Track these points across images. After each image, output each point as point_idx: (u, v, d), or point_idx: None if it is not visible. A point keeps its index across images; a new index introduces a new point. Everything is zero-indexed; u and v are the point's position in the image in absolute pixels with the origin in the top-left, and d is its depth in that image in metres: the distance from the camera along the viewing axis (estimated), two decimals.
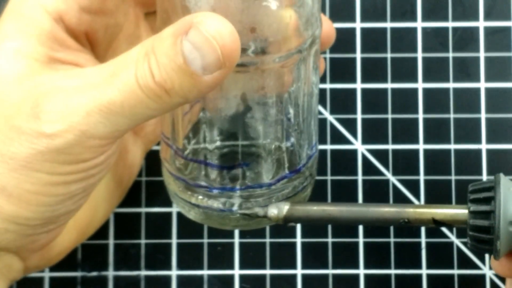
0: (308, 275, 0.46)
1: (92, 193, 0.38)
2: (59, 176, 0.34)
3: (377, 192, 0.46)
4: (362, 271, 0.46)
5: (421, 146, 0.47)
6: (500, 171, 0.39)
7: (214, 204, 0.37)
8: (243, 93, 0.36)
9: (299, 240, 0.46)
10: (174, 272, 0.46)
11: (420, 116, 0.47)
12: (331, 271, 0.46)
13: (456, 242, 0.46)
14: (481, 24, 0.47)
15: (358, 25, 0.47)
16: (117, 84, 0.32)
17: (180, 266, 0.46)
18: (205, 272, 0.46)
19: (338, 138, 0.47)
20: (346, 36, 0.47)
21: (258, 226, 0.39)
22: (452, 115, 0.47)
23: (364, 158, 0.47)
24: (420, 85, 0.47)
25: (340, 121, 0.47)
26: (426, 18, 0.47)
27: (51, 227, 0.36)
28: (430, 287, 0.46)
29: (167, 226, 0.46)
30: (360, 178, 0.47)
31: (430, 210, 0.36)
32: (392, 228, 0.46)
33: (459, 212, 0.35)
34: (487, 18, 0.47)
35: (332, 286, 0.46)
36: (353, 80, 0.47)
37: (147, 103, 0.32)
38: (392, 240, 0.46)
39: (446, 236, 0.46)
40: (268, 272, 0.46)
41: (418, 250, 0.46)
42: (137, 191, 0.46)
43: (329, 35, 0.41)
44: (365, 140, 0.47)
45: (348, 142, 0.47)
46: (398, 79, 0.47)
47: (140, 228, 0.46)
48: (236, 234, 0.46)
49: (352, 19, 0.47)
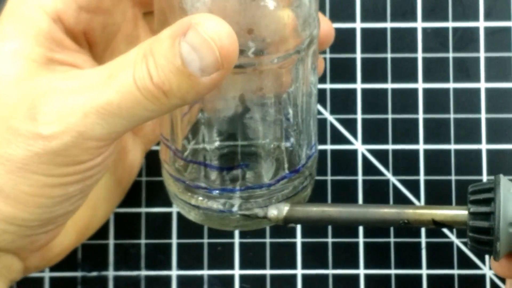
0: (308, 275, 0.46)
1: (92, 193, 0.38)
2: (56, 177, 0.34)
3: (377, 192, 0.46)
4: (362, 271, 0.46)
5: (421, 146, 0.46)
6: (500, 171, 0.39)
7: (214, 205, 0.37)
8: (241, 94, 0.36)
9: (299, 240, 0.46)
10: (174, 272, 0.46)
11: (420, 116, 0.47)
12: (331, 271, 0.46)
13: (456, 242, 0.46)
14: (481, 24, 0.47)
15: (358, 25, 0.47)
16: (114, 86, 0.32)
17: (180, 266, 0.46)
18: (205, 272, 0.46)
19: (338, 138, 0.47)
20: (346, 36, 0.47)
21: (258, 227, 0.39)
22: (452, 115, 0.46)
23: (364, 158, 0.47)
24: (420, 85, 0.47)
25: (340, 121, 0.47)
26: (426, 18, 0.47)
27: (50, 228, 0.36)
28: (430, 287, 0.46)
29: (167, 226, 0.46)
30: (360, 178, 0.46)
31: (430, 211, 0.36)
32: (392, 228, 0.46)
33: (459, 213, 0.35)
34: (487, 18, 0.47)
35: (332, 286, 0.46)
36: (353, 80, 0.47)
37: (145, 105, 0.32)
38: (392, 240, 0.46)
39: (446, 236, 0.46)
40: (268, 272, 0.46)
41: (418, 250, 0.46)
42: (137, 191, 0.46)
43: (327, 35, 0.40)
44: (365, 140, 0.47)
45: (348, 142, 0.47)
46: (398, 79, 0.47)
47: (140, 228, 0.46)
48: (236, 234, 0.46)
49: (352, 19, 0.47)
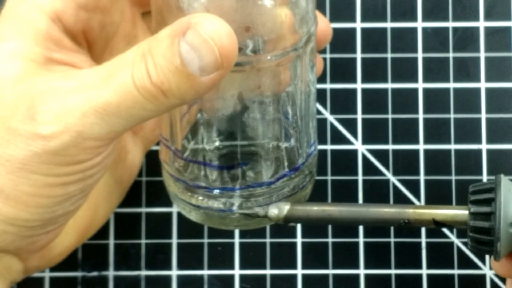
0: (308, 275, 0.46)
1: (92, 193, 0.38)
2: (56, 177, 0.34)
3: (377, 192, 0.46)
4: (362, 271, 0.46)
5: (421, 146, 0.46)
6: (500, 171, 0.39)
7: (215, 205, 0.37)
8: (239, 92, 0.36)
9: (299, 240, 0.46)
10: (174, 272, 0.46)
11: (420, 116, 0.47)
12: (331, 271, 0.46)
13: (456, 242, 0.46)
14: (481, 24, 0.47)
15: (358, 25, 0.47)
16: (113, 85, 0.32)
17: (180, 266, 0.46)
18: (205, 272, 0.46)
19: (338, 138, 0.47)
20: (346, 36, 0.47)
21: (259, 226, 0.39)
22: (452, 115, 0.46)
23: (364, 158, 0.47)
24: (420, 85, 0.47)
25: (340, 121, 0.47)
26: (426, 18, 0.47)
27: (50, 228, 0.36)
28: (430, 287, 0.46)
29: (167, 226, 0.46)
30: (360, 178, 0.46)
31: (430, 211, 0.36)
32: (392, 228, 0.46)
33: (459, 213, 0.35)
34: (487, 18, 0.47)
35: (332, 286, 0.46)
36: (353, 80, 0.47)
37: (144, 104, 0.32)
38: (392, 240, 0.46)
39: (446, 236, 0.46)
40: (268, 272, 0.46)
41: (418, 250, 0.46)
42: (137, 191, 0.46)
43: (325, 33, 0.40)
44: (365, 140, 0.47)
45: (348, 142, 0.47)
46: (398, 79, 0.47)
47: (140, 228, 0.46)
48: (236, 234, 0.46)
49: (352, 19, 0.47)
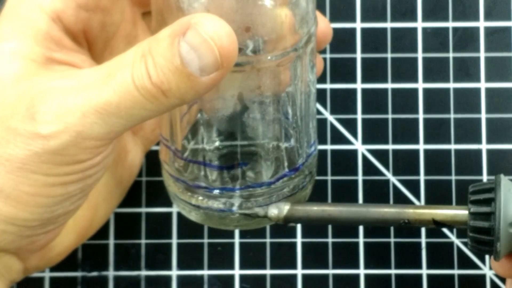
0: (308, 275, 0.46)
1: (92, 193, 0.38)
2: (56, 177, 0.34)
3: (377, 192, 0.46)
4: (362, 271, 0.46)
5: (421, 146, 0.46)
6: (500, 171, 0.39)
7: (215, 205, 0.37)
8: (239, 92, 0.36)
9: (299, 240, 0.46)
10: (174, 272, 0.46)
11: (420, 116, 0.47)
12: (331, 271, 0.46)
13: (456, 242, 0.46)
14: (481, 24, 0.47)
15: (358, 25, 0.47)
16: (113, 85, 0.32)
17: (180, 266, 0.46)
18: (205, 272, 0.46)
19: (338, 138, 0.47)
20: (346, 36, 0.47)
21: (259, 226, 0.39)
22: (452, 115, 0.46)
23: (364, 158, 0.47)
24: (420, 85, 0.47)
25: (340, 121, 0.47)
26: (426, 18, 0.47)
27: (50, 228, 0.36)
28: (430, 287, 0.46)
29: (167, 226, 0.46)
30: (360, 178, 0.46)
31: (430, 211, 0.36)
32: (392, 228, 0.46)
33: (459, 213, 0.35)
34: (487, 18, 0.47)
35: (332, 286, 0.46)
36: (353, 80, 0.47)
37: (144, 104, 0.32)
38: (392, 240, 0.46)
39: (446, 236, 0.46)
40: (268, 272, 0.46)
41: (418, 250, 0.46)
42: (137, 191, 0.46)
43: (325, 34, 0.40)
44: (365, 140, 0.47)
45: (348, 142, 0.47)
46: (398, 79, 0.47)
47: (140, 228, 0.46)
48: (236, 234, 0.46)
49: (352, 19, 0.47)
